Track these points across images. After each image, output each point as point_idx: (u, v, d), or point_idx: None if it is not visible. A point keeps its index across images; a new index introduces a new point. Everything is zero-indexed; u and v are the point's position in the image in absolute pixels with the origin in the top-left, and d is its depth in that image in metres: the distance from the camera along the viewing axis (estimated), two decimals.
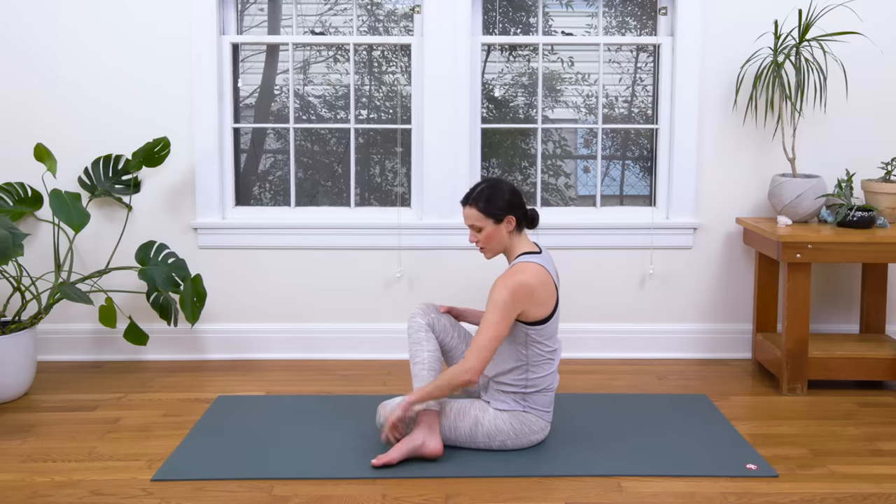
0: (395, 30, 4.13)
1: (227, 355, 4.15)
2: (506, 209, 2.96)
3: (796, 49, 3.84)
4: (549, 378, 3.01)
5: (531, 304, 2.88)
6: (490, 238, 2.99)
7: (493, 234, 2.98)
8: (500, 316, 2.84)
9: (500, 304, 2.84)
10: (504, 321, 2.85)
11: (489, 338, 2.84)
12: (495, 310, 2.84)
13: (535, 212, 3.07)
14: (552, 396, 3.05)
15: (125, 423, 3.34)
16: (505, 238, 3.00)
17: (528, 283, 2.86)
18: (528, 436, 3.01)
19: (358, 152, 4.21)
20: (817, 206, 3.83)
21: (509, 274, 2.89)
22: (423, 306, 3.16)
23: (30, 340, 3.61)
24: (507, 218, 2.97)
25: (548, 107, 4.22)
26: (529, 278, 2.87)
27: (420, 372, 3.02)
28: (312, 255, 4.12)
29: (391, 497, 2.71)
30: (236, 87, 4.16)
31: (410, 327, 3.11)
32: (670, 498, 2.70)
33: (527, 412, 3.00)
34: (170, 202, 4.07)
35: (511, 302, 2.84)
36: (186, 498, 2.70)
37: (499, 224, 2.97)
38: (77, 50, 3.97)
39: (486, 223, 2.97)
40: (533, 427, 3.01)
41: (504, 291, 2.84)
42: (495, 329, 2.84)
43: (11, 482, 2.81)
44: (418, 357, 3.04)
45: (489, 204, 2.96)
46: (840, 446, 3.12)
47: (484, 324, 2.86)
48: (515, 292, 2.85)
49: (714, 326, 4.19)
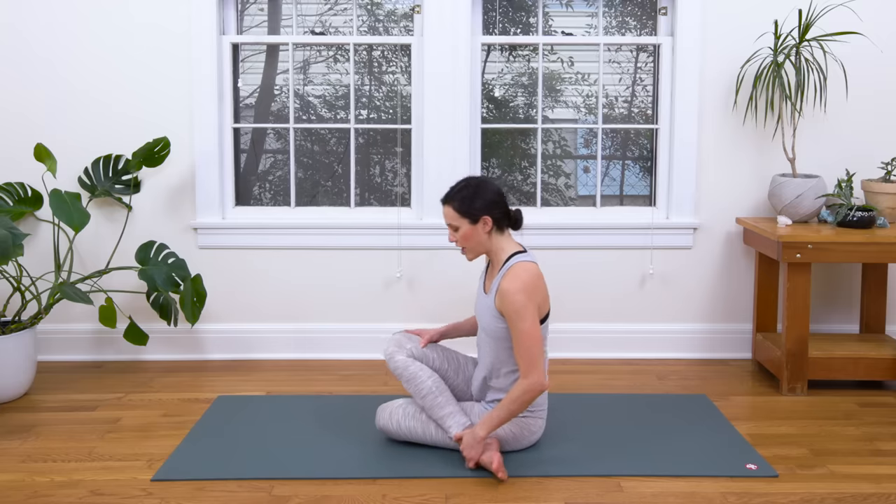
0: (395, 30, 4.13)
1: (227, 355, 4.15)
2: (483, 209, 2.91)
3: (796, 49, 3.84)
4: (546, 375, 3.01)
5: (542, 300, 2.88)
6: (467, 238, 2.94)
7: (470, 234, 2.94)
8: (530, 320, 2.81)
9: (522, 309, 2.81)
10: (535, 322, 2.82)
11: (532, 345, 2.80)
12: (522, 317, 2.80)
13: (519, 212, 3.00)
14: (545, 395, 3.05)
15: (125, 423, 3.34)
16: (483, 239, 2.95)
17: (535, 282, 2.86)
18: (526, 437, 3.02)
19: (358, 152, 4.21)
20: (817, 206, 3.83)
21: (514, 278, 2.84)
22: (396, 340, 3.09)
23: (30, 340, 3.61)
24: (483, 218, 2.91)
25: (548, 107, 4.22)
26: (534, 277, 2.86)
27: (435, 401, 2.97)
28: (312, 255, 4.12)
29: (391, 497, 2.71)
30: (236, 87, 4.16)
31: (395, 367, 3.02)
32: (670, 498, 2.70)
33: (524, 416, 2.99)
34: (170, 202, 4.08)
35: (529, 302, 2.82)
36: (186, 498, 2.70)
37: (474, 224, 2.92)
38: (77, 50, 3.97)
39: (461, 223, 2.93)
40: (532, 429, 3.01)
41: (520, 296, 2.81)
42: (531, 335, 2.80)
43: (11, 482, 2.81)
44: (423, 388, 2.98)
45: (466, 203, 2.91)
46: (840, 446, 3.12)
47: (518, 335, 2.81)
48: (528, 292, 2.83)
49: (714, 326, 4.19)
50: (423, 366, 3.02)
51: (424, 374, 2.99)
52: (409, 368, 3.00)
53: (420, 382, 2.98)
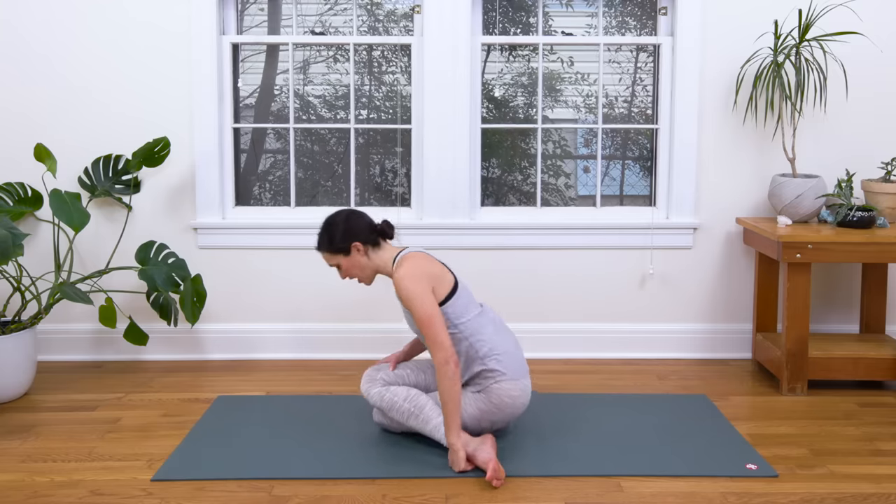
0: (395, 30, 4.13)
1: (227, 355, 4.15)
2: (346, 239, 3.04)
3: (796, 49, 3.84)
4: (498, 337, 3.04)
5: (433, 280, 2.97)
6: (351, 268, 3.08)
7: (352, 264, 3.07)
8: (421, 301, 2.90)
9: (413, 294, 2.91)
10: (429, 304, 2.90)
11: (430, 324, 2.88)
12: (413, 302, 2.91)
13: (386, 223, 3.10)
14: (516, 356, 3.06)
15: (125, 423, 3.34)
16: (364, 262, 3.08)
17: (416, 267, 2.96)
18: (511, 404, 3.01)
19: (358, 152, 4.21)
20: (817, 206, 3.83)
21: (397, 270, 2.98)
22: (368, 376, 3.16)
23: (30, 340, 3.61)
24: (354, 245, 3.04)
25: (548, 107, 4.22)
26: (414, 264, 2.98)
27: (417, 420, 3.02)
28: (312, 255, 4.12)
29: (391, 497, 2.71)
30: (236, 87, 4.16)
31: (373, 401, 3.09)
32: (670, 498, 2.70)
33: (498, 382, 3.00)
34: (170, 202, 4.08)
35: (416, 286, 2.91)
36: (186, 498, 2.70)
37: (350, 255, 3.05)
38: (77, 50, 3.97)
39: (339, 259, 3.07)
40: (512, 393, 3.01)
41: (405, 282, 2.92)
42: (428, 315, 2.89)
43: (11, 482, 2.81)
44: (404, 412, 3.03)
45: (329, 243, 3.06)
46: (840, 446, 3.12)
47: (417, 319, 2.91)
48: (414, 276, 2.93)
49: (714, 326, 4.19)
50: (397, 389, 3.07)
51: (399, 397, 3.05)
52: (385, 397, 3.07)
53: (398, 408, 3.04)
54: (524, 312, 4.17)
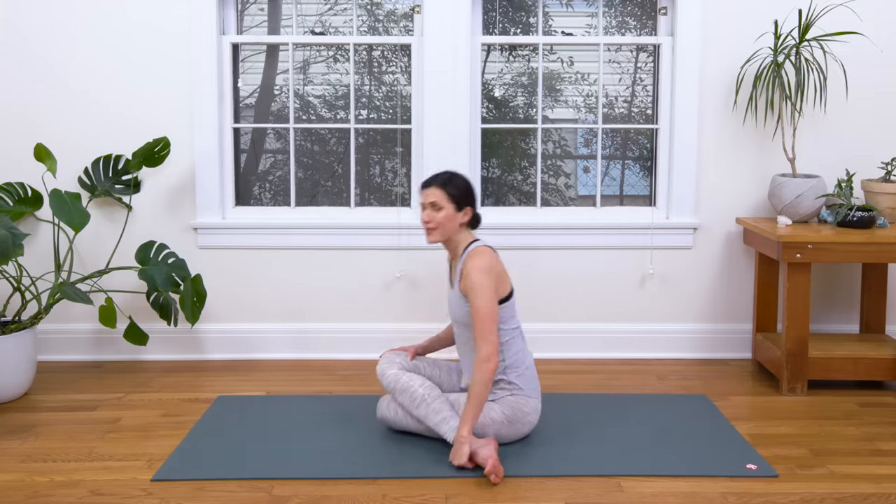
0: (395, 30, 4.13)
1: (227, 355, 4.15)
2: (469, 200, 3.10)
3: (796, 49, 3.84)
4: (523, 354, 3.09)
5: (498, 280, 3.02)
6: (447, 220, 3.08)
7: (451, 217, 3.08)
8: (486, 296, 2.95)
9: (480, 287, 2.95)
10: (491, 300, 2.96)
11: (487, 319, 2.93)
12: (478, 294, 2.95)
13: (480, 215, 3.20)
14: (534, 375, 3.11)
15: (125, 423, 3.34)
16: (456, 227, 3.10)
17: (492, 263, 3.01)
18: (521, 420, 3.03)
19: (358, 152, 4.21)
20: (817, 206, 3.83)
21: (476, 258, 3.01)
22: (386, 358, 3.20)
23: (30, 340, 3.61)
24: (466, 209, 3.09)
25: (548, 107, 4.22)
26: (492, 258, 3.02)
27: (428, 408, 3.02)
28: (312, 255, 4.12)
29: (391, 497, 2.71)
30: (236, 87, 4.16)
31: (388, 380, 3.10)
32: (670, 498, 2.70)
33: (514, 395, 3.03)
34: (170, 202, 4.08)
35: (486, 280, 2.96)
36: (186, 498, 2.70)
37: (458, 211, 3.08)
38: (77, 50, 3.97)
39: (447, 205, 3.07)
40: (524, 409, 3.04)
41: (478, 274, 2.96)
42: (487, 310, 2.94)
43: (11, 482, 2.81)
44: (416, 397, 3.04)
45: (458, 190, 3.08)
46: (840, 446, 3.12)
47: (474, 311, 2.95)
48: (489, 271, 2.98)
49: (714, 326, 4.19)
50: (413, 375, 3.10)
51: (416, 383, 3.06)
52: (401, 379, 3.08)
53: (413, 391, 3.04)
54: (524, 312, 4.17)
